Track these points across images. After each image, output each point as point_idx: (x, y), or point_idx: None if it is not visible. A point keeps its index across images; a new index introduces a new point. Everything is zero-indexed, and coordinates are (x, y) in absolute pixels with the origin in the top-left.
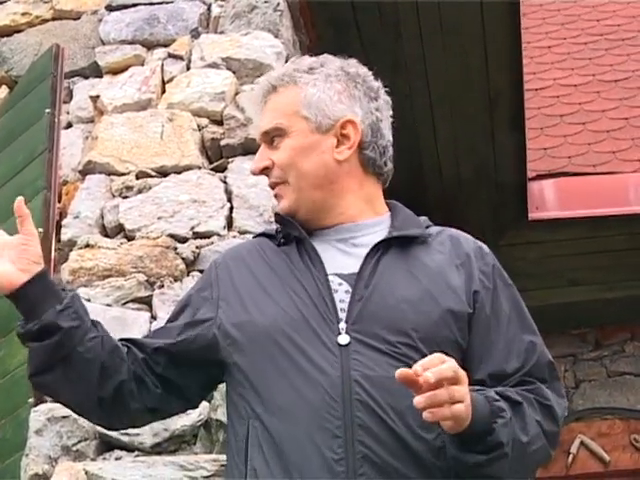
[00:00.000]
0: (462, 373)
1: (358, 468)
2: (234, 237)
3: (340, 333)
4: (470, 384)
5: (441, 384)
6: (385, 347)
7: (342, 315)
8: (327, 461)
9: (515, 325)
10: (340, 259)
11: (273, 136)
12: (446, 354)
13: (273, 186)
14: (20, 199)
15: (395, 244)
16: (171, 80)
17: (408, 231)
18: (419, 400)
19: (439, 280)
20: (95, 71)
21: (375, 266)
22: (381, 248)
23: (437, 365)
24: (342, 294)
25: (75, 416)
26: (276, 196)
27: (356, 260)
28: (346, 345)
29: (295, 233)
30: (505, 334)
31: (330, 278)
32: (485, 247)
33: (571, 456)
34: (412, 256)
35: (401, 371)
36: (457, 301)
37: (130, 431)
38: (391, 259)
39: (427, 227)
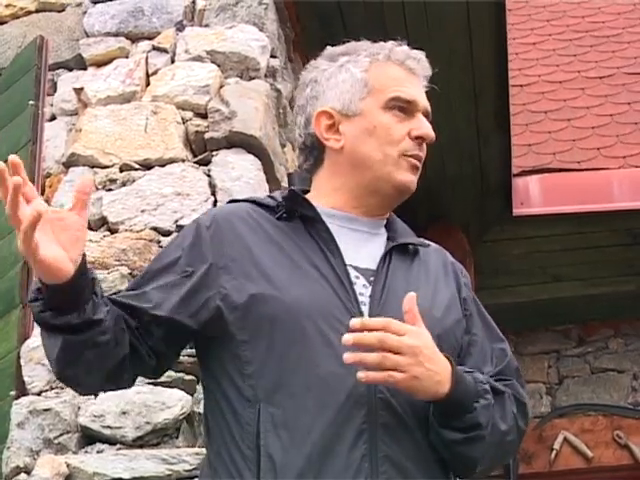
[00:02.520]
0: (412, 346)
1: (380, 466)
2: None
3: None
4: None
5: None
6: None
7: (364, 309)
8: (352, 456)
9: (486, 335)
10: (357, 250)
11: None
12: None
13: (420, 160)
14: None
15: (397, 250)
16: (155, 73)
17: (412, 239)
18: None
19: (439, 288)
20: (79, 63)
21: (387, 269)
22: (390, 252)
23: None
24: (360, 288)
25: (57, 409)
26: (414, 168)
27: (368, 256)
28: None
29: (309, 213)
30: (482, 339)
31: (347, 269)
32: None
33: (554, 452)
34: (411, 264)
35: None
36: (457, 310)
37: (112, 424)
38: (397, 264)
39: None
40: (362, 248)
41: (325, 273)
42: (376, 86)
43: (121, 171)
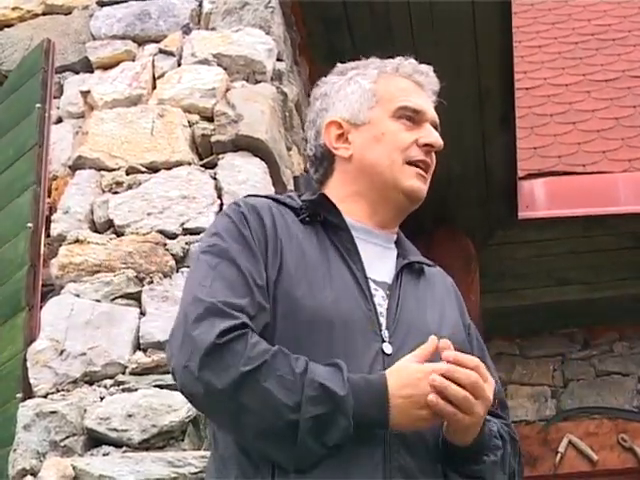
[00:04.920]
0: (487, 394)
1: (393, 477)
2: None
3: (384, 341)
4: None
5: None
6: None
7: (382, 321)
8: (369, 463)
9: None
10: (374, 263)
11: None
12: None
13: (427, 169)
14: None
15: (407, 267)
16: (162, 76)
17: (421, 258)
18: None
19: (443, 308)
20: (86, 66)
21: (400, 284)
22: (402, 268)
23: (471, 365)
24: (379, 299)
25: (63, 411)
26: (420, 176)
27: (383, 269)
28: (389, 355)
29: (335, 221)
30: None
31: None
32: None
33: (559, 455)
34: (419, 282)
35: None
36: (461, 331)
37: (118, 427)
38: (407, 281)
39: None
40: (378, 261)
41: (347, 282)
42: (385, 96)
43: (127, 174)
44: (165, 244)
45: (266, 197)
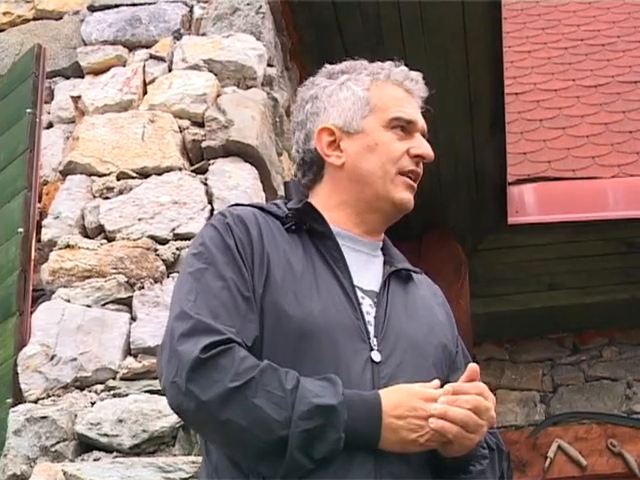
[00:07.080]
0: (491, 414)
1: None
2: None
3: (372, 349)
4: None
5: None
6: (409, 370)
7: (370, 330)
8: (358, 472)
9: None
10: (360, 271)
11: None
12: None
13: (416, 179)
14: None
15: (394, 274)
16: (153, 81)
17: (408, 265)
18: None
19: (432, 316)
20: (76, 71)
21: (387, 292)
22: (389, 275)
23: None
24: (367, 307)
25: (54, 417)
26: (410, 187)
27: (370, 277)
28: (378, 362)
29: (321, 229)
30: None
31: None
32: None
33: (548, 460)
34: (407, 289)
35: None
36: (448, 338)
37: (109, 432)
38: (394, 288)
39: None
40: (364, 269)
41: (334, 291)
42: (378, 105)
43: (118, 179)
44: (156, 249)
45: (251, 206)
